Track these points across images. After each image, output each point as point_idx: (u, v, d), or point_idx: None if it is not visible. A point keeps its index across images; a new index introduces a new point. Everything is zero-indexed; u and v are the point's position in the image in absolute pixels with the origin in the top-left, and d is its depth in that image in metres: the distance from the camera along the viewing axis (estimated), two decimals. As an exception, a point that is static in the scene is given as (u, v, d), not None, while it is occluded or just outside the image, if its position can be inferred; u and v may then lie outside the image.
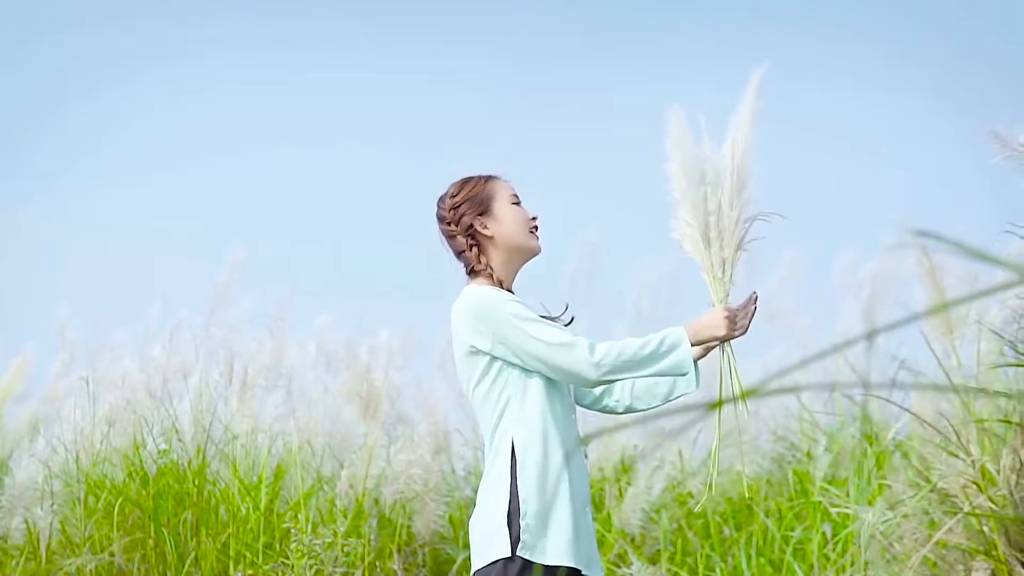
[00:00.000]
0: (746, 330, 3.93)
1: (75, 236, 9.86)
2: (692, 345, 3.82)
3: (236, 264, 8.06)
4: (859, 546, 5.48)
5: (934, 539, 5.02)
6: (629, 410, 4.14)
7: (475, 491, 8.36)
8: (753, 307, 3.97)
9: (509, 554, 3.71)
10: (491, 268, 3.98)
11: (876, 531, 5.32)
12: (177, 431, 7.18)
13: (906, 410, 5.93)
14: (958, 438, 5.24)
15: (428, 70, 10.12)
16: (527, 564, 3.70)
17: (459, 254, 4.06)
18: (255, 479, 7.08)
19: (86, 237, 9.61)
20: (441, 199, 4.10)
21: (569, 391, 3.98)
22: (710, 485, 4.21)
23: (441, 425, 8.38)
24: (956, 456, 5.26)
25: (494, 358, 3.82)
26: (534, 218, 4.06)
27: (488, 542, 3.76)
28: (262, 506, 6.88)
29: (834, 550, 6.20)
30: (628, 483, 7.84)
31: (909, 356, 7.96)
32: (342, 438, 7.67)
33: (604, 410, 4.16)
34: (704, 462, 8.25)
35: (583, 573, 3.81)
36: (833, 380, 8.43)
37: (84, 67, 9.97)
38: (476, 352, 3.84)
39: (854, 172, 9.44)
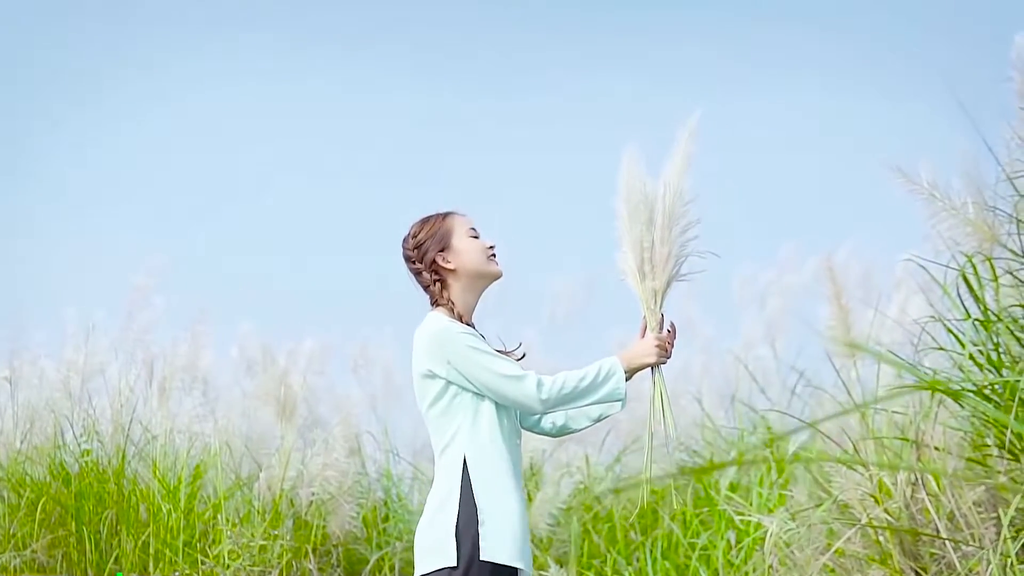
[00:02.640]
0: (670, 355, 4.26)
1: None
2: (626, 371, 4.19)
3: (154, 268, 8.17)
4: (763, 553, 5.76)
5: (833, 548, 5.30)
6: (562, 431, 4.48)
7: (386, 492, 8.59)
8: (673, 334, 4.30)
9: (454, 563, 3.99)
10: (452, 302, 4.27)
11: (780, 540, 5.60)
12: (97, 432, 7.29)
13: (809, 424, 6.23)
14: (856, 452, 5.54)
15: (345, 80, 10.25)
16: (468, 570, 4.00)
17: (425, 288, 4.35)
18: (174, 479, 7.21)
19: (2, 237, 9.61)
20: (405, 240, 4.39)
21: (516, 414, 4.26)
22: (642, 497, 4.50)
23: (354, 428, 8.53)
24: (855, 470, 5.56)
25: (449, 383, 4.08)
26: (491, 246, 4.35)
27: (434, 551, 4.04)
28: (181, 506, 7.01)
29: (738, 556, 6.48)
30: (536, 488, 8.07)
31: (808, 367, 8.34)
32: (259, 440, 7.81)
33: (541, 432, 4.47)
34: (609, 467, 8.53)
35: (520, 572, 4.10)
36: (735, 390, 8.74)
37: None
38: (433, 376, 4.12)
39: (755, 183, 9.74)
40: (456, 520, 4.03)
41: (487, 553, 4.02)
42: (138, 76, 10.28)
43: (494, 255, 4.36)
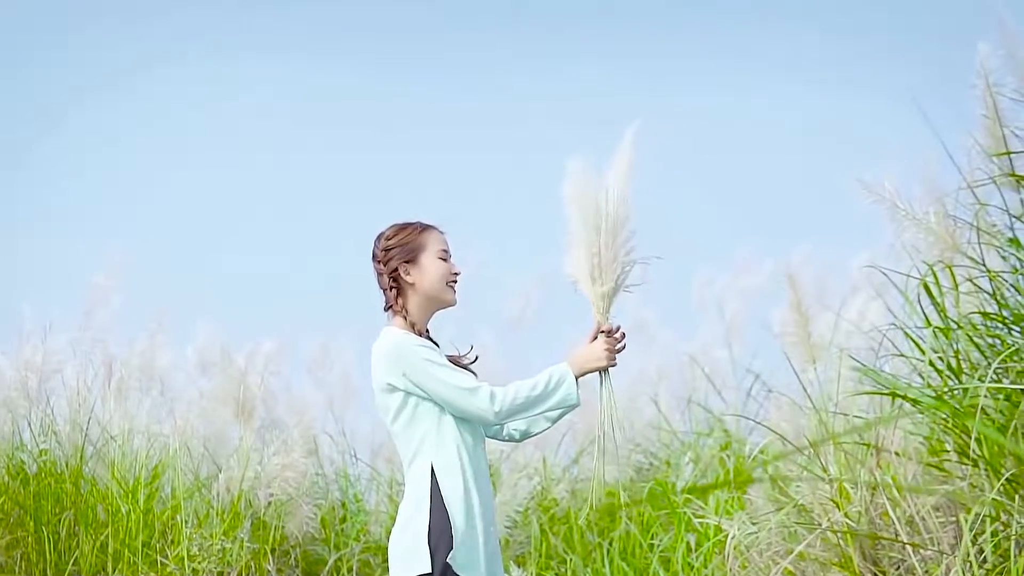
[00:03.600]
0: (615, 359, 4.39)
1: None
2: (576, 376, 4.28)
3: (112, 267, 8.14)
4: (724, 557, 5.82)
5: (795, 552, 5.37)
6: (525, 435, 4.57)
7: (343, 493, 8.60)
8: (622, 338, 4.40)
9: (429, 569, 4.06)
10: (406, 311, 4.32)
11: (740, 543, 5.66)
12: (55, 431, 7.25)
13: (771, 429, 6.29)
14: (817, 457, 5.61)
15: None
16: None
17: (382, 290, 4.38)
18: (132, 480, 7.18)
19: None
20: (378, 237, 4.42)
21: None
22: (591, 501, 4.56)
23: (311, 429, 8.53)
24: (816, 474, 5.63)
25: (409, 394, 4.14)
26: (456, 273, 4.40)
27: (409, 558, 4.10)
28: (140, 506, 6.99)
29: (698, 559, 6.54)
30: (495, 490, 8.10)
31: (764, 370, 8.43)
32: (217, 441, 7.80)
33: (505, 438, 4.55)
34: (566, 469, 8.58)
35: None
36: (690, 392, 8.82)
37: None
38: (393, 389, 4.17)
39: (713, 185, 9.82)
40: (428, 527, 4.08)
41: (458, 566, 4.08)
42: (97, 76, 10.22)
43: (455, 282, 4.41)
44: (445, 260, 4.38)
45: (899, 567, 5.28)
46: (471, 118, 10.14)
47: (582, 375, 4.32)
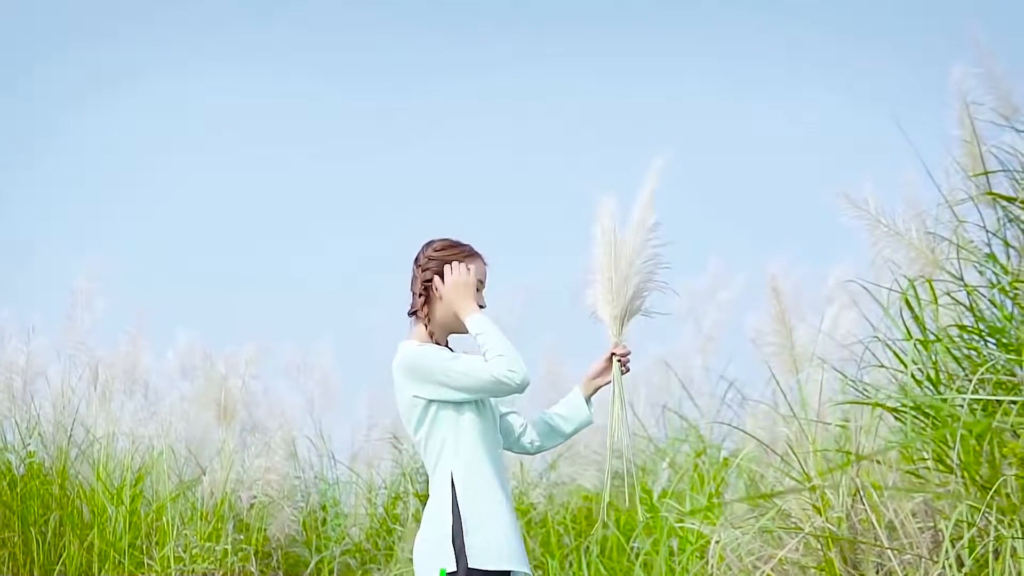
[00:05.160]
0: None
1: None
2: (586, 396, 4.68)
3: (94, 271, 8.20)
4: (706, 562, 5.97)
5: (778, 556, 5.52)
6: (540, 449, 4.77)
7: (323, 495, 8.70)
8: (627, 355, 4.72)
9: (454, 567, 4.17)
10: (429, 319, 4.46)
11: (726, 548, 5.81)
12: (40, 434, 7.32)
13: (752, 436, 6.45)
14: (801, 464, 5.77)
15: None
16: (468, 574, 4.17)
17: (413, 293, 4.50)
18: (118, 481, 7.26)
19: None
20: (427, 244, 4.54)
21: (497, 426, 4.44)
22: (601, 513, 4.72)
23: (291, 433, 8.63)
24: (797, 481, 5.79)
25: (430, 403, 4.30)
26: (482, 306, 4.51)
27: (434, 558, 4.22)
28: (126, 507, 7.07)
29: (679, 563, 6.68)
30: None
31: (738, 377, 8.59)
32: (199, 443, 7.89)
33: (521, 450, 4.74)
34: (543, 473, 8.71)
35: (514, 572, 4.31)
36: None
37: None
38: (417, 400, 4.30)
39: (695, 195, 9.96)
40: (451, 528, 4.21)
41: (474, 560, 4.19)
42: (75, 82, 10.26)
43: None
44: (478, 290, 4.51)
45: (879, 571, 5.43)
46: (452, 122, 10.25)
47: (592, 393, 4.66)
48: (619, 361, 4.64)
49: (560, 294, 7.64)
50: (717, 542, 5.86)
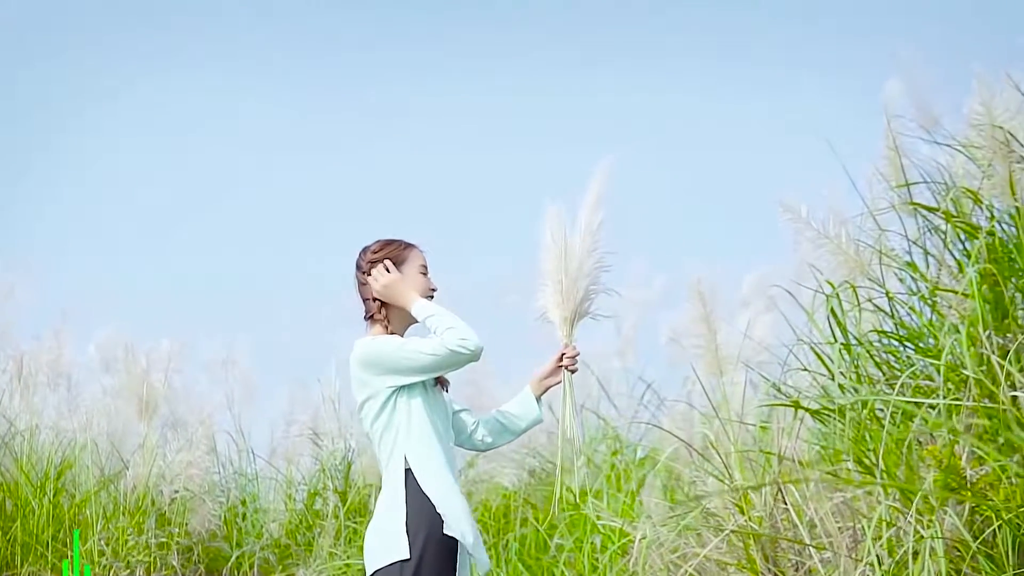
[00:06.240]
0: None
1: None
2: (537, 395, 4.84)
3: (15, 264, 8.16)
4: (628, 559, 6.08)
5: (703, 553, 5.65)
6: (490, 447, 4.91)
7: (242, 491, 8.70)
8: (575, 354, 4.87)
9: (407, 555, 4.26)
10: (388, 320, 4.56)
11: (653, 545, 5.93)
12: (-39, 426, 7.26)
13: (672, 434, 6.57)
14: (724, 462, 5.91)
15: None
16: (420, 564, 4.26)
17: (364, 300, 4.60)
18: (41, 474, 7.21)
19: None
20: (363, 251, 4.66)
21: (449, 422, 4.56)
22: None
23: (211, 428, 8.62)
24: (719, 479, 5.93)
25: (389, 397, 4.42)
26: (433, 289, 4.64)
27: (386, 547, 4.31)
28: (50, 500, 7.03)
29: (601, 561, 6.78)
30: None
31: (656, 378, 8.74)
32: (120, 437, 7.86)
33: (472, 447, 4.87)
34: (463, 471, 8.78)
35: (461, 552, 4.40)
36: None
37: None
38: (378, 393, 4.42)
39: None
40: (405, 516, 4.30)
41: (449, 528, 4.29)
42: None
43: (431, 297, 4.64)
44: (425, 275, 4.61)
45: (798, 568, 5.58)
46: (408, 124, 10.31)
47: (542, 393, 4.85)
48: (570, 360, 4.82)
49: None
50: (643, 538, 5.97)
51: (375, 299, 4.57)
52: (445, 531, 4.28)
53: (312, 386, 8.96)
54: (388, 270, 4.53)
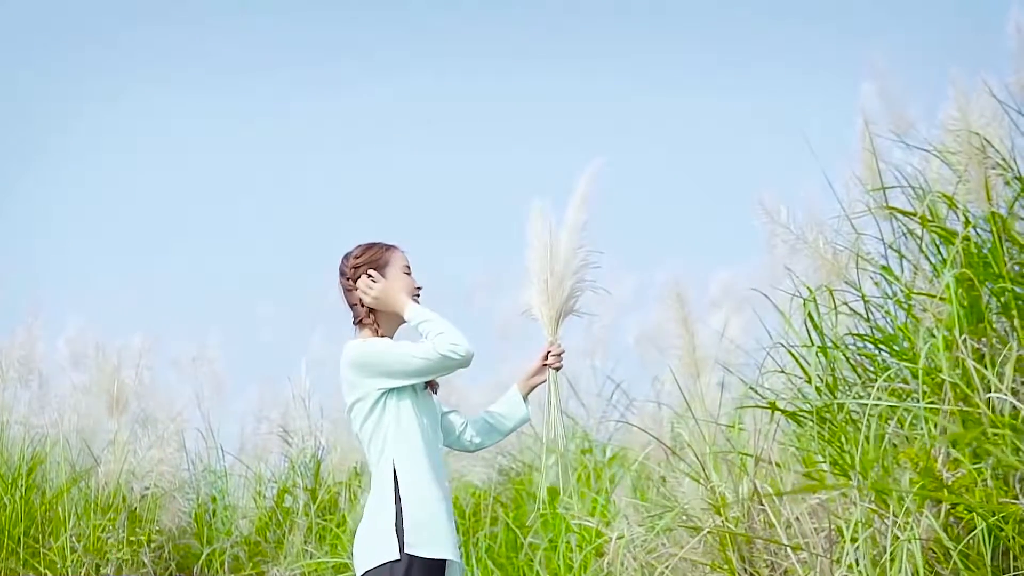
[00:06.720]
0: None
1: None
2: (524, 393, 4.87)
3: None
4: (603, 559, 6.11)
5: (680, 553, 5.69)
6: (479, 447, 4.92)
7: (212, 487, 8.67)
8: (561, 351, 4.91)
9: (397, 556, 4.27)
10: (377, 324, 4.59)
11: (629, 545, 5.96)
12: (-69, 422, 7.22)
13: (646, 431, 6.62)
14: (699, 461, 5.94)
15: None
16: (410, 563, 4.27)
17: (351, 305, 4.64)
18: (12, 470, 7.18)
19: None
20: (346, 257, 4.69)
21: (438, 425, 4.58)
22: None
23: (181, 425, 8.60)
24: (692, 477, 5.97)
25: (379, 398, 4.43)
26: (418, 288, 4.66)
27: (377, 547, 4.33)
28: (21, 496, 7.00)
29: (575, 561, 6.80)
30: (360, 487, 8.28)
31: (625, 378, 8.78)
32: (91, 434, 7.83)
33: (461, 447, 4.88)
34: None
35: (450, 562, 4.41)
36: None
37: None
38: (368, 395, 4.43)
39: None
40: (395, 517, 4.32)
41: (413, 549, 4.28)
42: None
43: (417, 296, 4.66)
44: (408, 275, 4.62)
45: (774, 569, 5.63)
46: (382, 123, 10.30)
47: (529, 392, 4.88)
48: (555, 358, 4.86)
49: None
50: (620, 538, 6.01)
51: (362, 303, 4.60)
52: (407, 550, 4.28)
53: (282, 383, 8.95)
54: (374, 280, 4.54)
